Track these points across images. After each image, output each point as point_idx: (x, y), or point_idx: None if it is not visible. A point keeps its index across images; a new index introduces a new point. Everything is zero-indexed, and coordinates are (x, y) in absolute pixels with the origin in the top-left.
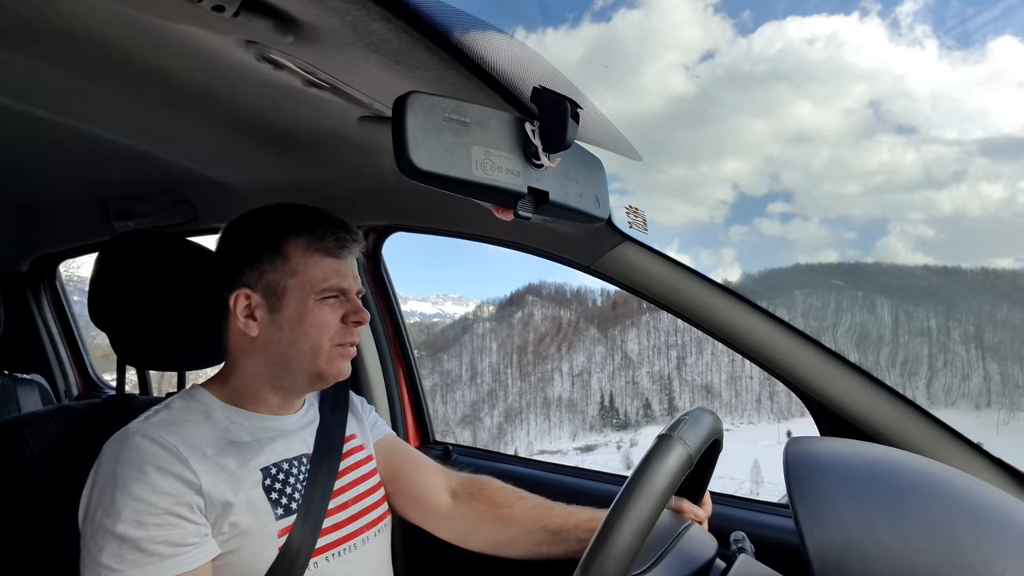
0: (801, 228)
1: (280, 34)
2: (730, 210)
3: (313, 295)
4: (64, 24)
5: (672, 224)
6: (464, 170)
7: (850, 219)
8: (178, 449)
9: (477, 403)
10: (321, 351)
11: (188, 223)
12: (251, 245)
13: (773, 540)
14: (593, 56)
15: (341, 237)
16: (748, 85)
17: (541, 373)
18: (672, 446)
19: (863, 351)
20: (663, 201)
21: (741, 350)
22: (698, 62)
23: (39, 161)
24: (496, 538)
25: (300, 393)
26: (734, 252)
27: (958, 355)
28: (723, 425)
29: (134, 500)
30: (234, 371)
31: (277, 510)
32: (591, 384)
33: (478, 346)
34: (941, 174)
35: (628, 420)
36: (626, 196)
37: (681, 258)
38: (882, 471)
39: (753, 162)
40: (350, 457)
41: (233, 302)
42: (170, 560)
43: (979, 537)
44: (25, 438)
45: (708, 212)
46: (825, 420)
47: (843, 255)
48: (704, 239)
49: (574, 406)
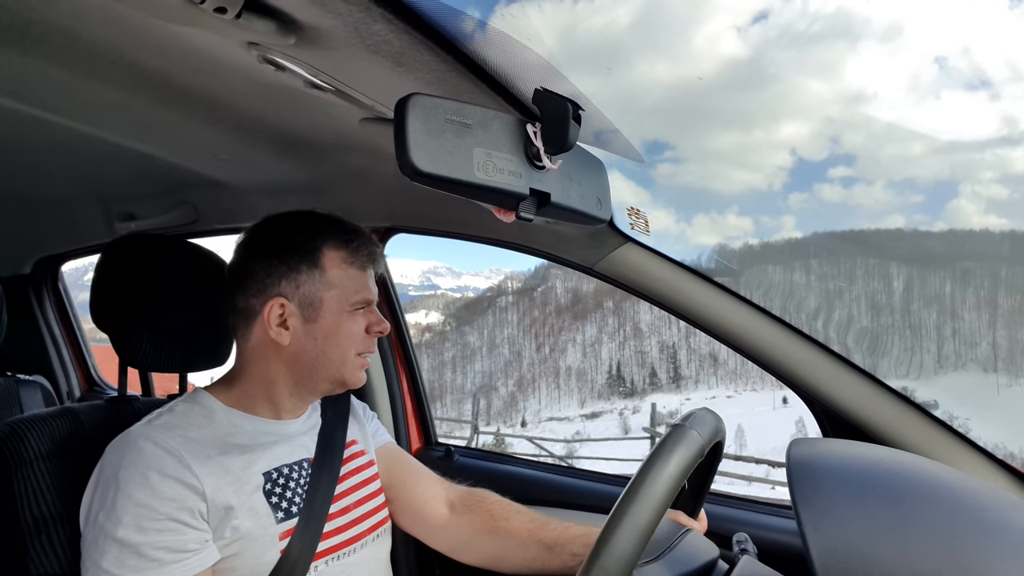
0: (864, 192)
1: (282, 36)
2: (789, 176)
3: (347, 307)
4: (66, 26)
5: (729, 191)
6: (466, 172)
7: (917, 181)
8: (181, 453)
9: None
10: (347, 360)
11: (190, 224)
12: (285, 254)
13: (775, 542)
14: (641, 22)
15: (372, 251)
16: (804, 45)
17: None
18: (686, 433)
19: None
20: (718, 167)
21: (743, 351)
22: (751, 23)
23: (41, 163)
24: (491, 551)
25: (316, 397)
26: (794, 220)
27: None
28: (724, 425)
29: (135, 505)
30: (244, 375)
31: (278, 514)
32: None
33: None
34: (1013, 130)
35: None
36: (680, 164)
37: (741, 223)
38: (884, 473)
39: (812, 125)
40: (351, 462)
41: (268, 311)
42: (170, 566)
43: (981, 539)
44: (27, 439)
45: (766, 179)
46: (827, 421)
47: (909, 219)
48: (762, 206)
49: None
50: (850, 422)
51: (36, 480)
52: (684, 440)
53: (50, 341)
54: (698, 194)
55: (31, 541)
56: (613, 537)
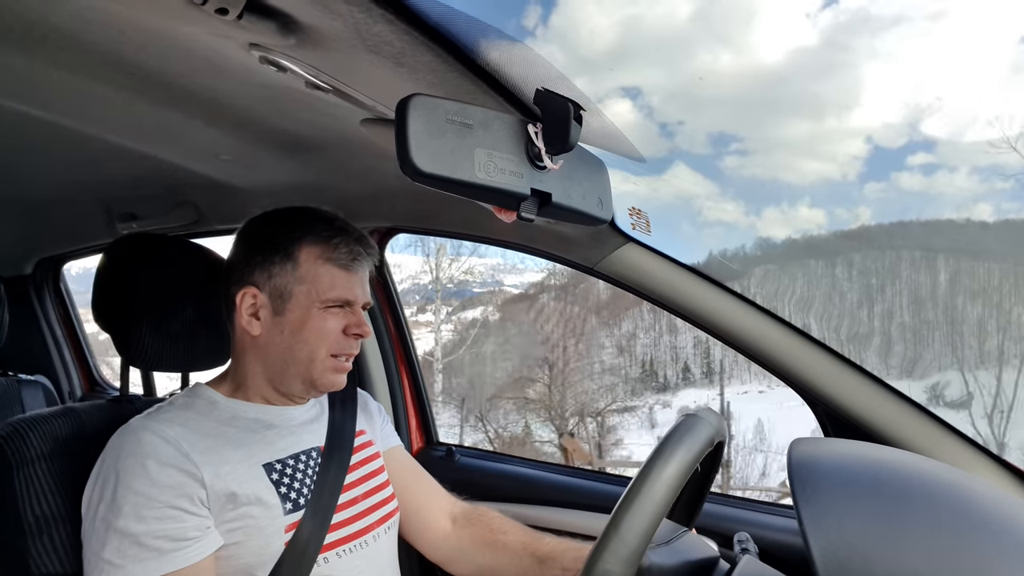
0: (947, 180)
1: (283, 37)
2: (864, 165)
3: (318, 303)
4: (66, 27)
5: (799, 182)
6: (467, 172)
7: (1005, 167)
8: (179, 442)
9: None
10: (316, 359)
11: (191, 225)
12: (264, 246)
13: (777, 541)
14: (701, 11)
15: (355, 250)
16: (877, 29)
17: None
18: (698, 421)
19: None
20: (787, 158)
21: (745, 351)
22: (820, 8)
23: (42, 163)
24: (486, 563)
25: (296, 395)
26: (870, 210)
27: None
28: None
29: (134, 494)
30: (237, 367)
31: (286, 504)
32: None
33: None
34: None
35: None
36: (747, 156)
37: (813, 215)
38: (886, 472)
39: (888, 112)
40: (360, 452)
41: (240, 299)
42: (171, 555)
43: (982, 538)
44: (29, 439)
45: (839, 168)
46: (829, 421)
47: (997, 208)
48: (836, 197)
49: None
50: (851, 422)
51: (38, 480)
52: (698, 425)
53: (51, 341)
54: (767, 186)
55: (33, 541)
56: (624, 520)
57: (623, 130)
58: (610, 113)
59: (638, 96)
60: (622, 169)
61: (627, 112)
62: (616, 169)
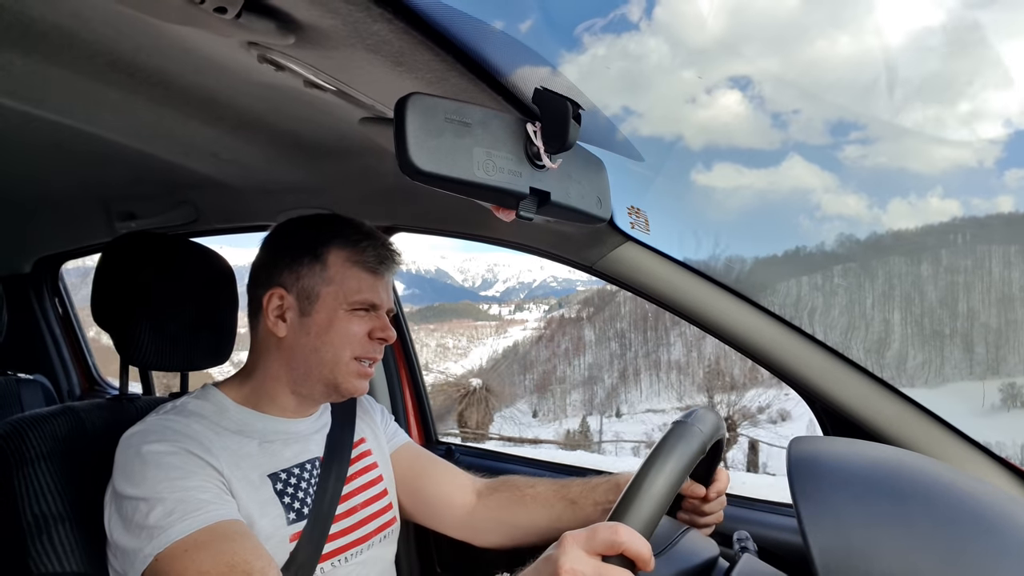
0: None
1: (282, 36)
2: (1003, 150)
3: (344, 305)
4: (66, 26)
5: (930, 171)
6: (466, 171)
7: None
8: (199, 438)
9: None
10: (340, 361)
11: (190, 224)
12: (293, 248)
13: (776, 539)
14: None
15: (382, 254)
16: (1013, 3)
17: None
18: (689, 430)
19: None
20: (916, 145)
21: (744, 350)
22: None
23: (41, 162)
24: (518, 521)
25: (317, 401)
26: (1012, 199)
27: None
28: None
29: (167, 469)
30: (255, 370)
31: (289, 514)
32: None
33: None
34: None
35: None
36: (869, 145)
37: (946, 206)
38: (885, 471)
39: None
40: (359, 462)
41: (267, 301)
42: (215, 505)
43: (981, 537)
44: (28, 438)
45: (975, 155)
46: (828, 420)
47: None
48: (972, 186)
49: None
50: (851, 420)
51: (37, 479)
52: (687, 434)
53: (50, 340)
54: (893, 176)
55: (32, 540)
56: (637, 494)
57: (731, 122)
58: (718, 105)
59: (748, 86)
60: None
61: (736, 104)
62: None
